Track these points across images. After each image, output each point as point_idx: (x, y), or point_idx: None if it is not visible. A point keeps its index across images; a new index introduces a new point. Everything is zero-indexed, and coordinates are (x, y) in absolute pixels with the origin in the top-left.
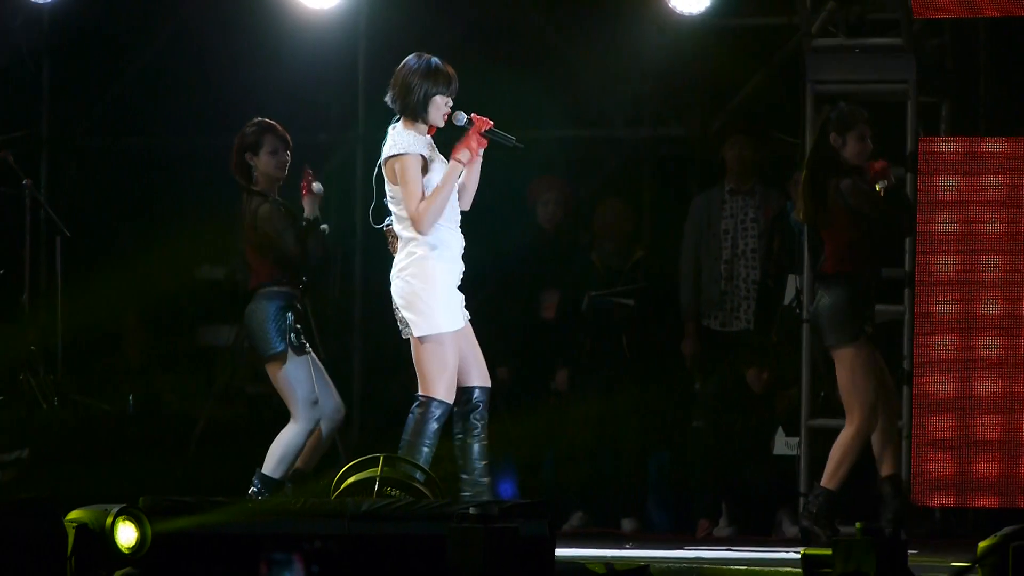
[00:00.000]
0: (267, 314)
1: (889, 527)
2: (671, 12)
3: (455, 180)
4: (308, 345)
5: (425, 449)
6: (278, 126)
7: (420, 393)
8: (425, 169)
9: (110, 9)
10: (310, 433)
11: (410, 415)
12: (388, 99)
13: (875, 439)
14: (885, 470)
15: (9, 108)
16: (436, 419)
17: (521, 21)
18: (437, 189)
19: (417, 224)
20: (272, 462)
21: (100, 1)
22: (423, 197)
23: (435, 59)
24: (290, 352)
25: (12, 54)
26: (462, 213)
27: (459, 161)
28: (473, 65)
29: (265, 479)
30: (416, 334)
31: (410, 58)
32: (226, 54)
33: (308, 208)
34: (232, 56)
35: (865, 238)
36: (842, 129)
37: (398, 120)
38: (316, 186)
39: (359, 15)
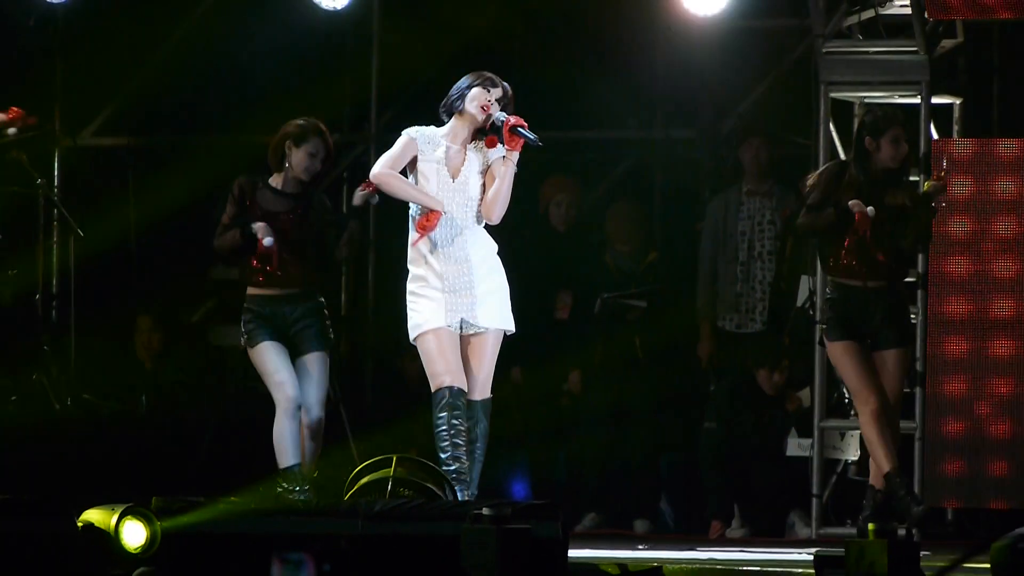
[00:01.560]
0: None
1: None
2: (685, 14)
3: (420, 201)
4: (264, 335)
5: (443, 443)
6: (327, 134)
7: None
8: (414, 159)
9: (123, 8)
10: (290, 414)
11: None
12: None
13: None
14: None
15: (23, 107)
16: (440, 408)
17: (534, 23)
18: (414, 189)
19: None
20: (277, 455)
21: (113, 0)
22: (390, 166)
23: (484, 72)
24: (246, 345)
25: (26, 53)
26: (490, 226)
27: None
28: (486, 67)
29: (280, 472)
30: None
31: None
32: (239, 54)
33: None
34: (245, 56)
35: (870, 246)
36: (876, 133)
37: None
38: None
39: (372, 16)
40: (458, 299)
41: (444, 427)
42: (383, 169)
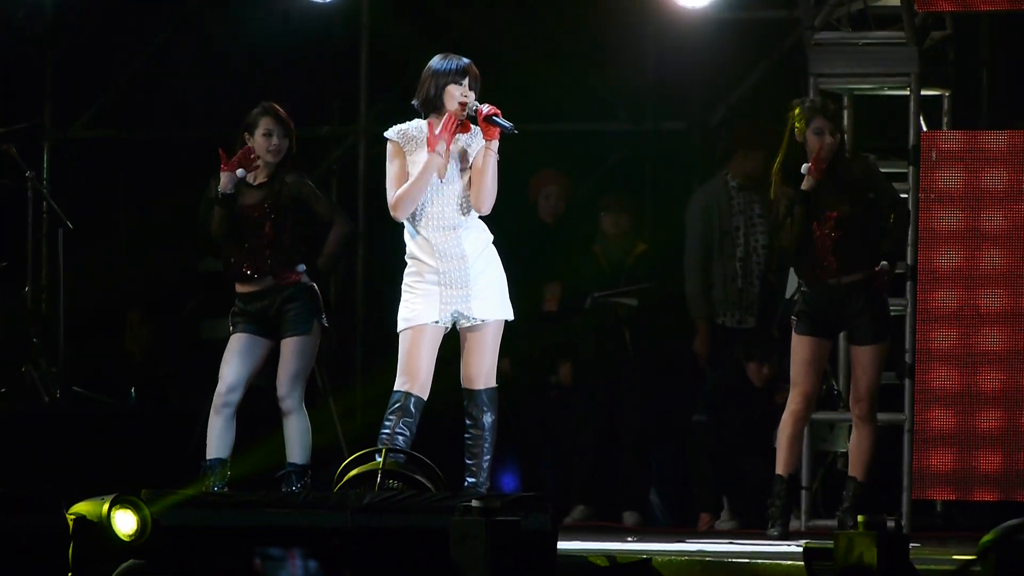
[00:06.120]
0: None
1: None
2: (674, 5)
3: (430, 172)
4: (244, 325)
5: (398, 439)
6: (279, 110)
7: None
8: (400, 156)
9: (113, 2)
10: (218, 408)
11: None
12: (414, 102)
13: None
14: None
15: (12, 100)
16: (392, 411)
17: (523, 15)
18: (412, 179)
19: (391, 210)
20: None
21: None
22: (397, 186)
23: (456, 57)
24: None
25: (15, 46)
26: (482, 217)
27: (437, 153)
28: (475, 59)
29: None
30: None
31: (435, 58)
32: (228, 47)
33: (223, 182)
34: (234, 48)
35: (819, 241)
36: (804, 124)
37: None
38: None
39: (361, 8)
40: (453, 292)
41: (387, 431)
42: (394, 196)
